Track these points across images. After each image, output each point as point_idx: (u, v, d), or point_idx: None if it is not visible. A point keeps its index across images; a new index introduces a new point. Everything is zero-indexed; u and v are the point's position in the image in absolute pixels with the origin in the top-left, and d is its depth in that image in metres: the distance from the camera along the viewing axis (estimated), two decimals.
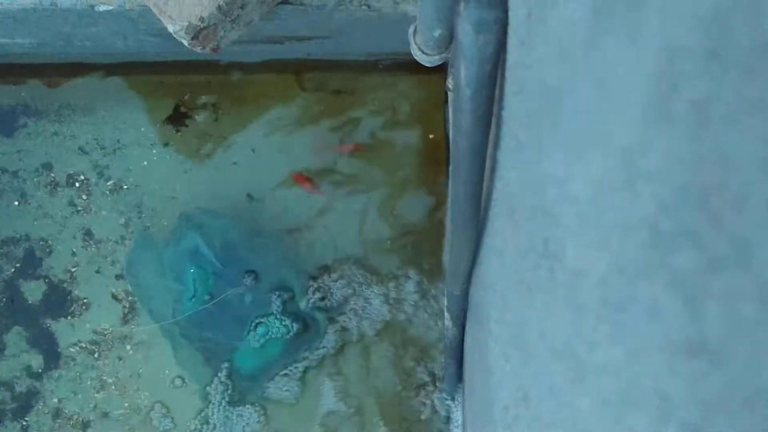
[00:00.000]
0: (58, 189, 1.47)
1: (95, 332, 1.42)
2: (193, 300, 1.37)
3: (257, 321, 1.38)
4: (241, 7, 1.07)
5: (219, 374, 1.39)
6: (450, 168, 0.87)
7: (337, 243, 1.44)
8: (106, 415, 1.40)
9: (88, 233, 1.46)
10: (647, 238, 0.30)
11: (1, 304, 1.43)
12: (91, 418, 1.40)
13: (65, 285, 1.44)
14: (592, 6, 0.34)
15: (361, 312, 1.42)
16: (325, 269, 1.43)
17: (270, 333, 1.38)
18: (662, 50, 0.27)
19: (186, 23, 1.02)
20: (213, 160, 1.48)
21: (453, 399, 1.37)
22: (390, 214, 1.46)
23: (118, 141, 1.49)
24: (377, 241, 1.45)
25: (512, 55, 0.53)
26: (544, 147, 0.45)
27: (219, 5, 1.03)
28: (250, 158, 1.47)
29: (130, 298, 1.43)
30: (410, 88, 1.49)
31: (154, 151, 1.48)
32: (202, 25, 1.03)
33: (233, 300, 1.38)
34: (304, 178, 1.45)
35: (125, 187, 1.47)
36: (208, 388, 1.39)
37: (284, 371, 1.40)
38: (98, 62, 1.47)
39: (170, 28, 1.04)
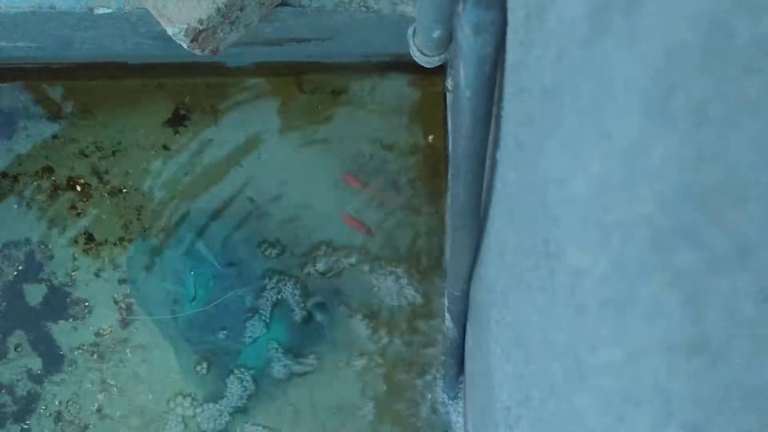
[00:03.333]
0: (59, 192, 1.47)
1: (96, 335, 1.42)
2: (193, 302, 1.37)
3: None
4: (240, 9, 1.07)
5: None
6: (450, 168, 0.87)
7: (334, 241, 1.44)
8: (107, 417, 1.40)
9: (88, 236, 1.46)
10: (647, 238, 0.30)
11: (2, 308, 1.43)
12: (92, 421, 1.40)
13: (66, 288, 1.44)
14: (590, 5, 0.34)
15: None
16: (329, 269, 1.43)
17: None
18: (662, 49, 0.27)
19: (185, 26, 1.02)
20: (212, 162, 1.48)
21: (454, 400, 1.37)
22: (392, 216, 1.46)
23: (118, 144, 1.49)
24: (379, 242, 1.45)
25: (511, 55, 0.53)
26: (544, 147, 0.45)
27: (218, 7, 1.03)
28: (249, 160, 1.47)
29: (131, 300, 1.43)
30: (410, 88, 1.49)
31: (153, 153, 1.48)
32: (201, 28, 1.03)
33: (233, 302, 1.38)
34: (350, 217, 1.44)
35: (125, 189, 1.47)
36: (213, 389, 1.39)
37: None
38: (97, 64, 1.46)
39: (169, 31, 1.04)
